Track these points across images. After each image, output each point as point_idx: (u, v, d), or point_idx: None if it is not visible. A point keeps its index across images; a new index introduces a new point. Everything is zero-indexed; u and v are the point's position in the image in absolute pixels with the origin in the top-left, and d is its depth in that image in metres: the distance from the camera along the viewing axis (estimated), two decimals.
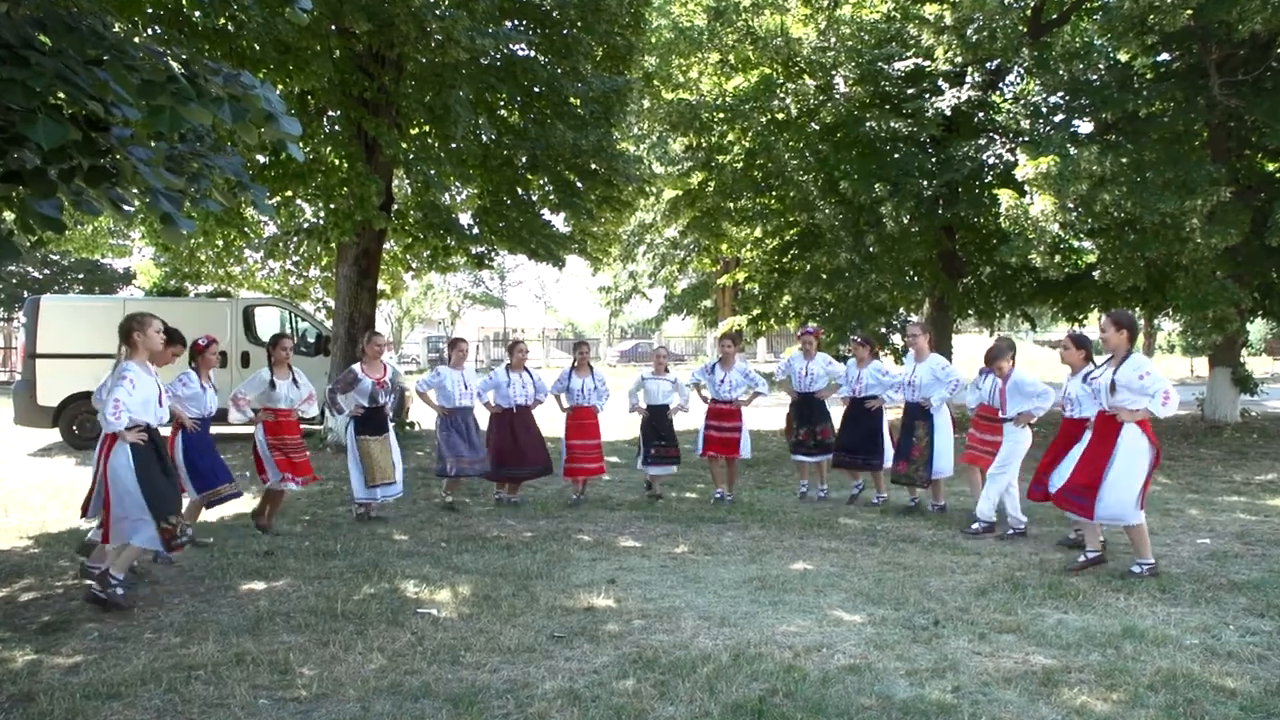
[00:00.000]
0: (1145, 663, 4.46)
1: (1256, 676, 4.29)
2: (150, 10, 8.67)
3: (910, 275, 15.46)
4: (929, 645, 4.76)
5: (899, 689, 4.18)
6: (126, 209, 4.53)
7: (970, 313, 17.93)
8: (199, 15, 9.23)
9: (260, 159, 11.49)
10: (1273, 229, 12.14)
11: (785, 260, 16.83)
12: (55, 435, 14.07)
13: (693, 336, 52.47)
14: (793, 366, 9.51)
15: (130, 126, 4.04)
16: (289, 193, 12.76)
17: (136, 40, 4.10)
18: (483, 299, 56.19)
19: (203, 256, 15.61)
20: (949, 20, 13.55)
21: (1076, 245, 13.12)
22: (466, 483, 9.57)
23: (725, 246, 19.54)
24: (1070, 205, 12.18)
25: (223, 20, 9.56)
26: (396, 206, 13.81)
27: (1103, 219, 12.38)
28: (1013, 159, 13.36)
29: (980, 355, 8.22)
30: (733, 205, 16.36)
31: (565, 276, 66.23)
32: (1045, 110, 14.66)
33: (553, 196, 14.14)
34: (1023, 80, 15.72)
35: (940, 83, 14.68)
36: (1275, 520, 8.06)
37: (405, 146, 11.89)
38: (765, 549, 7.07)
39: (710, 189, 16.45)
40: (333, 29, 10.86)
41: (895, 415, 9.37)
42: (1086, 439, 6.37)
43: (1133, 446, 6.02)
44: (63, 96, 3.71)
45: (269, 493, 7.83)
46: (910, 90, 14.69)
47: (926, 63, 14.57)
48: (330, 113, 12.54)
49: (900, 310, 17.08)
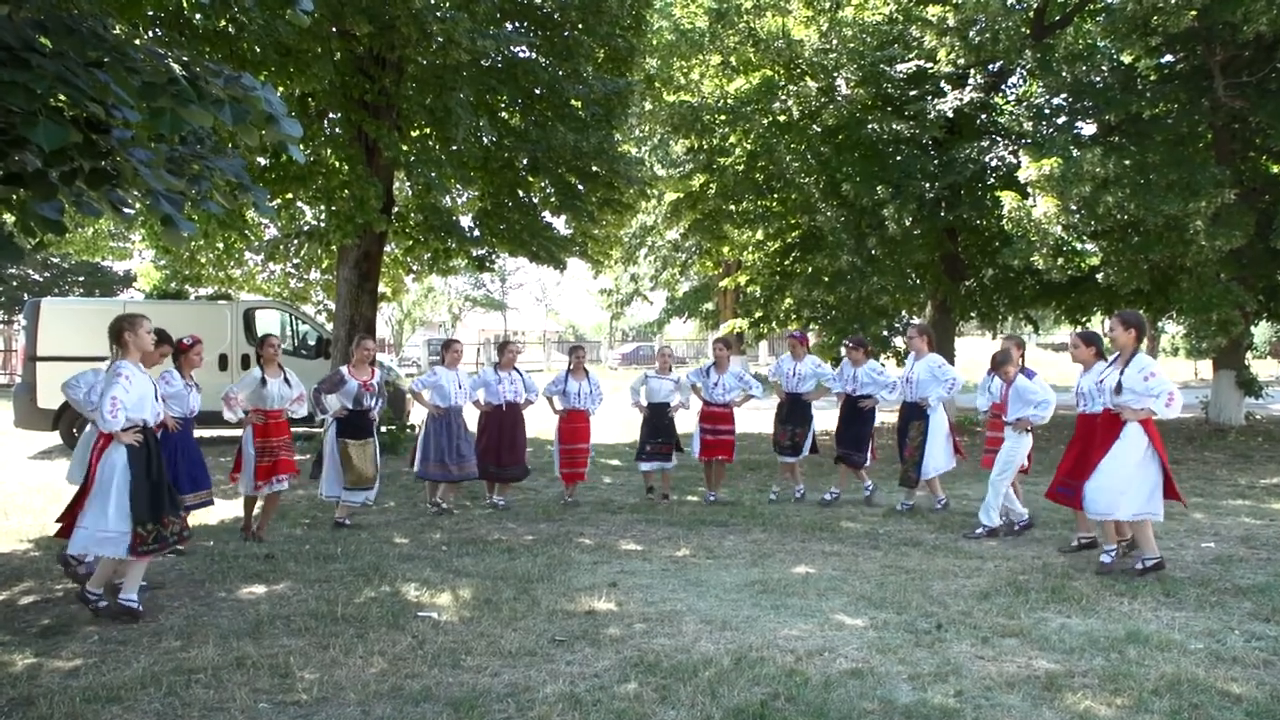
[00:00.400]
0: (1149, 667, 4.43)
1: (1262, 682, 4.27)
2: (151, 12, 8.65)
3: (912, 278, 15.43)
4: (931, 649, 4.74)
5: (901, 693, 4.16)
6: (127, 211, 4.53)
7: (973, 315, 17.89)
8: (200, 17, 9.22)
9: (261, 161, 11.47)
10: (1277, 231, 12.12)
11: (787, 263, 16.79)
12: (55, 438, 14.06)
13: (694, 339, 52.44)
14: (782, 368, 9.61)
15: (131, 128, 4.03)
16: (289, 195, 12.75)
17: (137, 42, 4.09)
18: (484, 302, 56.25)
19: (203, 259, 15.60)
20: (951, 22, 13.53)
21: (1079, 247, 13.07)
22: (466, 487, 9.57)
23: (727, 249, 19.51)
24: (1073, 207, 12.16)
25: (223, 22, 9.55)
26: (397, 209, 13.79)
27: (1106, 221, 12.36)
28: (1015, 161, 13.35)
29: (983, 358, 8.21)
30: (734, 207, 16.34)
31: (566, 279, 66.12)
32: (1048, 112, 14.65)
33: (554, 199, 14.12)
34: (1025, 82, 15.70)
35: (943, 84, 14.67)
36: None
37: (406, 149, 11.87)
38: (767, 552, 7.06)
39: (712, 191, 16.42)
40: (333, 31, 10.85)
41: (890, 417, 9.38)
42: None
43: (1130, 443, 6.08)
44: (64, 99, 3.70)
45: (247, 499, 7.78)
46: (912, 92, 14.67)
47: (929, 64, 14.55)
48: (331, 115, 12.53)
49: (902, 313, 17.05)
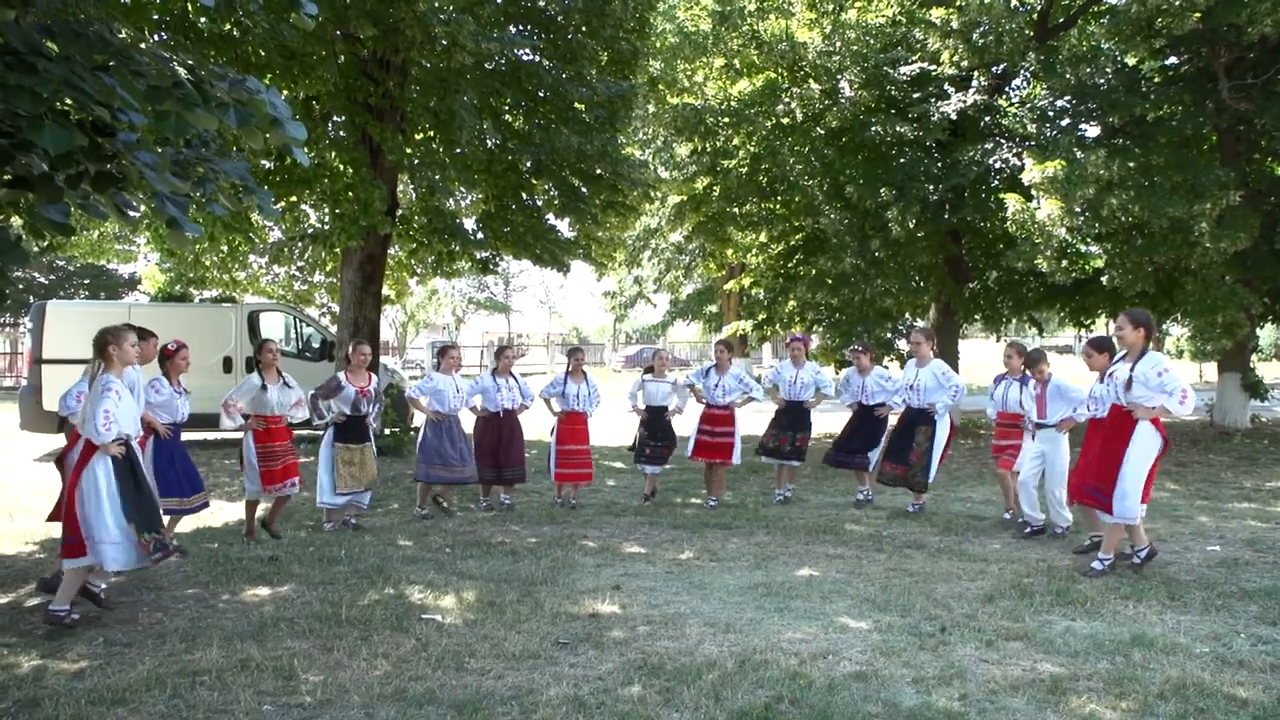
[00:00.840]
0: (1155, 671, 4.42)
1: (1268, 686, 4.25)
2: (156, 17, 8.68)
3: (916, 280, 15.42)
4: (936, 652, 4.73)
5: (905, 696, 4.16)
6: (132, 214, 4.54)
7: (977, 318, 17.88)
8: (205, 21, 9.25)
9: (265, 164, 11.51)
10: None
11: (790, 265, 16.79)
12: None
13: (698, 342, 52.44)
14: (781, 375, 9.56)
15: (136, 132, 4.04)
16: (294, 198, 12.79)
17: (143, 46, 4.11)
18: (487, 304, 56.21)
19: (207, 262, 15.64)
20: (955, 24, 13.52)
21: (1084, 250, 13.05)
22: (470, 490, 9.58)
23: (730, 251, 19.53)
24: (1077, 209, 12.14)
25: (228, 26, 9.58)
26: (401, 212, 13.82)
27: (1110, 223, 12.34)
28: (1019, 163, 13.33)
29: (987, 360, 8.22)
30: (738, 210, 16.34)
31: (570, 281, 66.31)
32: (1052, 114, 14.63)
33: (557, 201, 14.14)
34: (1029, 84, 15.69)
35: (946, 87, 14.66)
36: None
37: (410, 151, 11.91)
38: (771, 555, 7.05)
39: (715, 194, 16.43)
40: (338, 34, 10.88)
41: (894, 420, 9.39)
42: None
43: (1145, 444, 6.07)
44: (70, 102, 3.71)
45: (249, 502, 7.77)
46: (916, 94, 14.66)
47: (932, 67, 14.55)
48: (335, 118, 12.56)
49: (906, 315, 17.03)
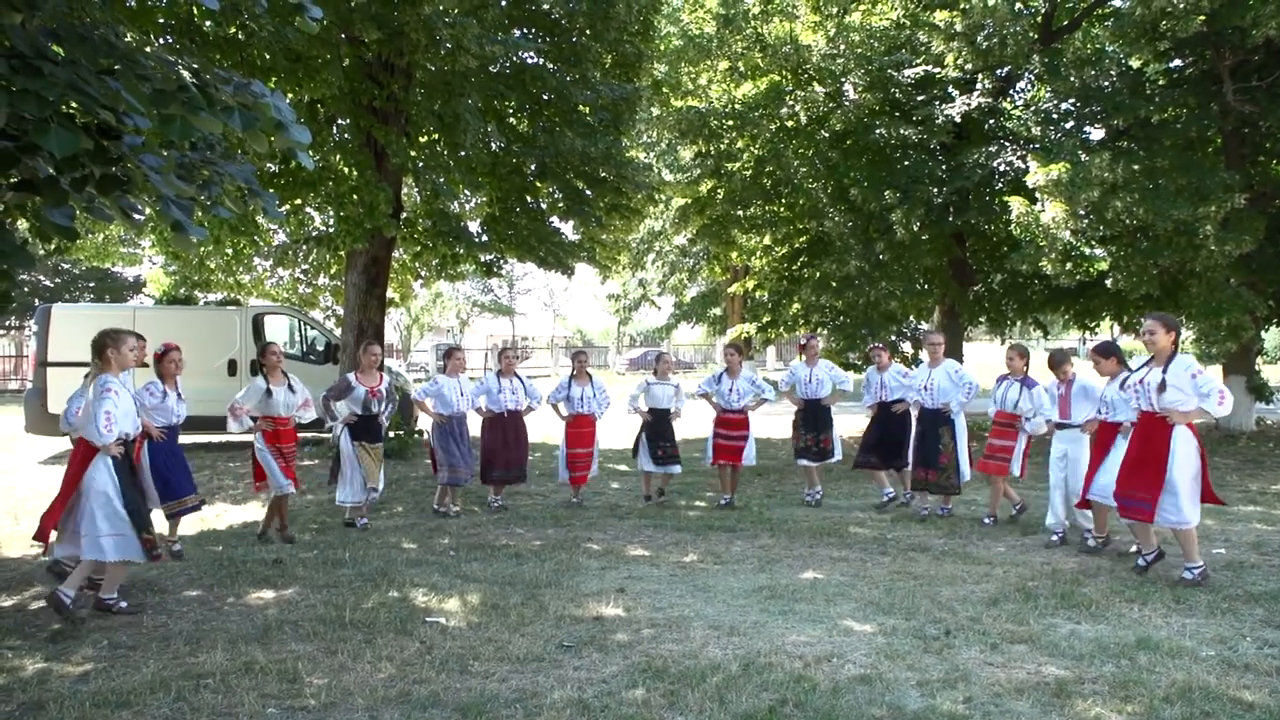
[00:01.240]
0: (1160, 674, 4.41)
1: (1275, 689, 4.24)
2: (162, 20, 8.72)
3: (920, 283, 15.40)
4: (940, 655, 4.72)
5: (910, 700, 4.15)
6: (137, 217, 4.55)
7: (981, 320, 17.85)
8: (210, 25, 9.28)
9: (270, 167, 11.54)
10: None
11: (795, 268, 16.78)
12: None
13: (702, 344, 52.45)
14: (796, 374, 9.59)
15: (142, 135, 4.06)
16: (298, 200, 12.81)
17: (148, 50, 4.12)
18: (492, 307, 56.23)
19: (212, 265, 15.66)
20: (959, 27, 13.51)
21: (1088, 252, 13.03)
22: (475, 492, 9.60)
23: (734, 254, 19.51)
24: (1082, 212, 12.12)
25: (233, 29, 9.60)
26: (406, 214, 13.84)
27: (1115, 226, 12.32)
28: (1024, 166, 13.32)
29: (992, 363, 8.22)
30: (742, 213, 16.33)
31: (574, 284, 66.26)
32: (1056, 117, 14.61)
33: (562, 204, 14.15)
34: (1033, 87, 15.66)
35: (950, 89, 14.64)
36: None
37: (414, 154, 11.92)
38: (775, 558, 7.04)
39: (719, 196, 16.42)
40: (342, 37, 10.90)
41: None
42: (1121, 443, 6.39)
43: (1187, 448, 5.99)
44: (75, 106, 3.72)
45: (276, 500, 7.80)
46: (920, 97, 14.65)
47: (936, 69, 14.54)
48: (340, 121, 12.59)
49: (910, 318, 17.01)
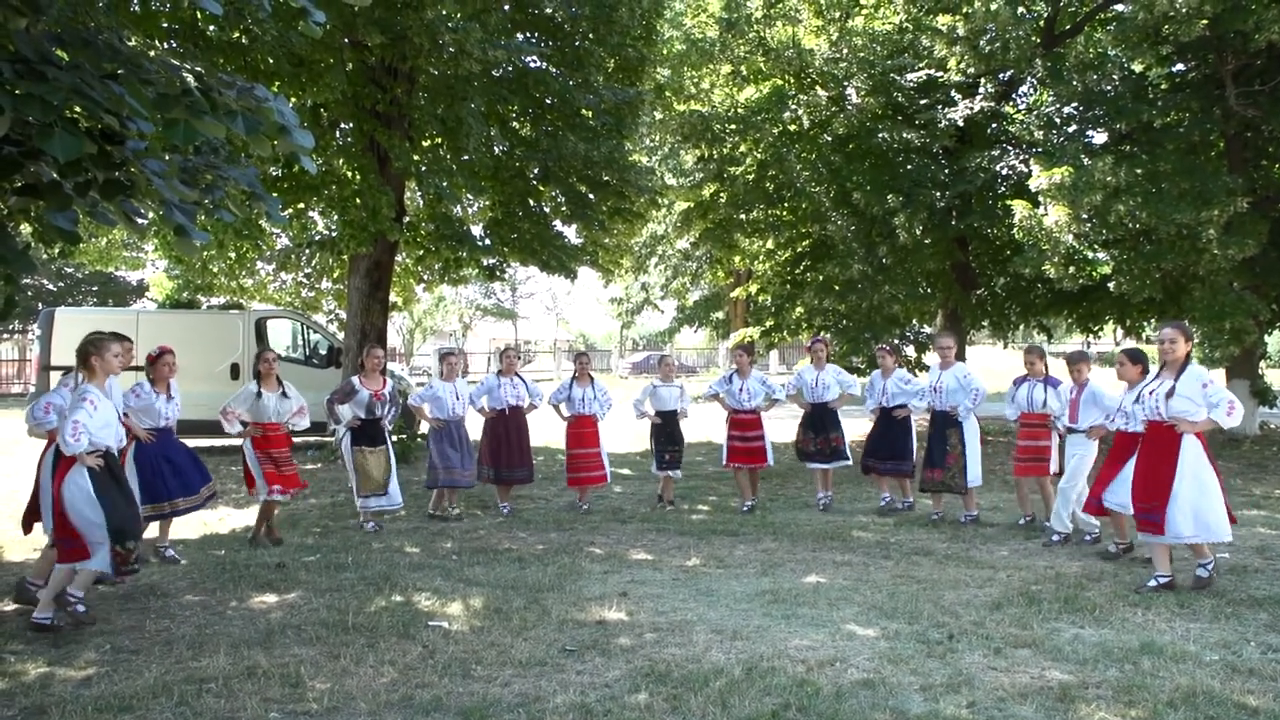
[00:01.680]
0: (1164, 679, 4.39)
1: (1279, 694, 4.22)
2: (166, 25, 8.76)
3: (923, 287, 15.39)
4: (943, 660, 4.71)
5: (913, 704, 4.14)
6: (140, 221, 4.56)
7: (984, 324, 17.83)
8: (213, 29, 9.30)
9: (273, 171, 11.56)
10: None
11: (797, 272, 16.78)
12: None
13: (705, 348, 52.43)
14: (803, 378, 9.56)
15: (145, 139, 4.07)
16: (301, 205, 12.84)
17: (152, 54, 4.12)
18: (494, 311, 56.26)
19: (215, 269, 15.70)
20: (962, 31, 13.52)
21: (1091, 256, 13.02)
22: (477, 496, 9.61)
23: (737, 258, 19.52)
24: (1084, 216, 12.11)
25: (237, 34, 9.63)
26: (408, 218, 13.85)
27: (1117, 230, 12.31)
28: (1026, 170, 13.31)
29: (994, 366, 8.22)
30: (745, 217, 16.33)
31: (577, 288, 66.36)
32: (1059, 121, 14.60)
33: (564, 208, 14.17)
34: (1036, 91, 15.67)
35: (953, 93, 14.65)
36: None
37: (417, 158, 11.94)
38: (778, 562, 7.03)
39: (722, 200, 16.43)
40: (345, 42, 10.93)
41: (921, 423, 9.40)
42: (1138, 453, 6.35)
43: (1196, 459, 5.93)
44: (79, 110, 3.73)
45: (264, 504, 7.79)
46: (923, 101, 14.66)
47: (939, 73, 14.54)
48: (343, 125, 12.61)
49: (914, 322, 17.01)
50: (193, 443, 7.87)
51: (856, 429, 13.30)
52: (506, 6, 12.15)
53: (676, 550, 7.50)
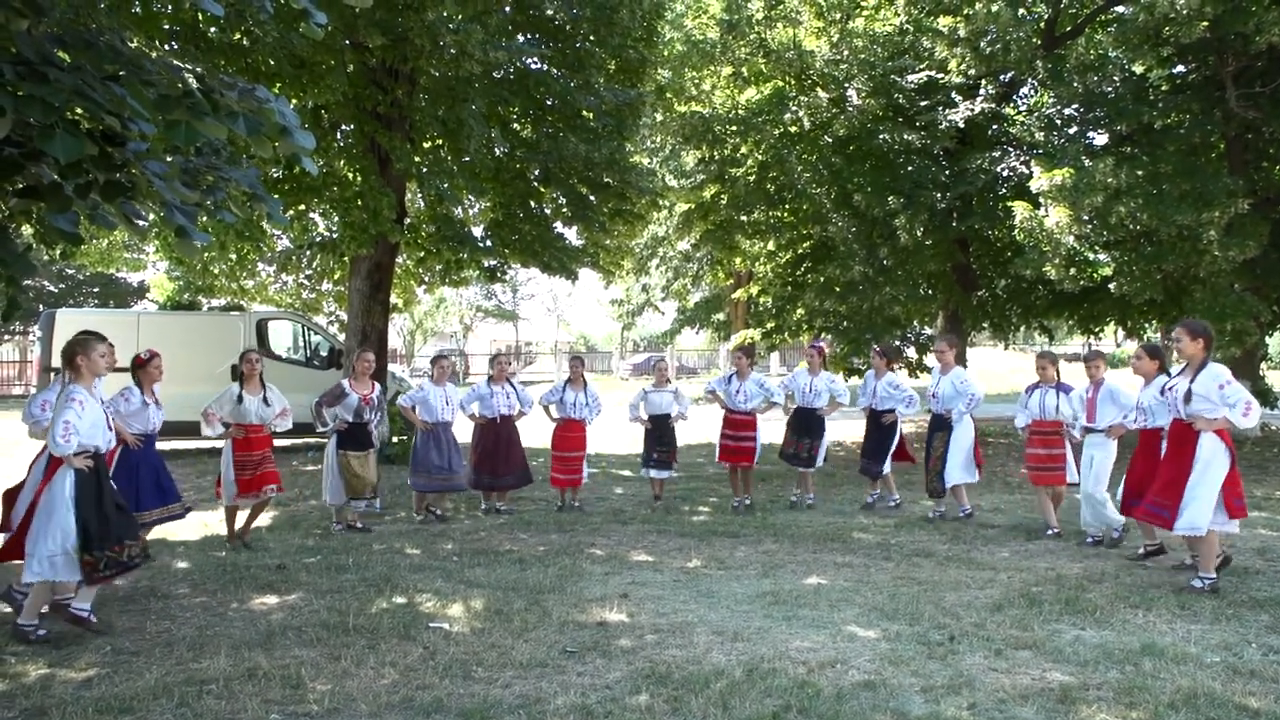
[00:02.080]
0: (1165, 681, 4.39)
1: None
2: (167, 26, 8.76)
3: (924, 288, 15.39)
4: (944, 661, 4.70)
5: (914, 706, 4.14)
6: (141, 223, 4.56)
7: (985, 325, 17.83)
8: (215, 31, 9.32)
9: (274, 173, 11.57)
10: None
11: (798, 273, 16.78)
12: None
13: (706, 350, 52.43)
14: (797, 382, 9.81)
15: (146, 141, 4.07)
16: (302, 206, 12.84)
17: (153, 56, 4.13)
18: (495, 312, 56.29)
19: (216, 270, 15.72)
20: (962, 33, 13.52)
21: (1092, 257, 13.01)
22: (476, 498, 9.61)
23: (738, 259, 19.54)
24: (1085, 217, 12.11)
25: (238, 36, 9.65)
26: (409, 220, 13.87)
27: (1118, 231, 12.31)
28: (1027, 171, 13.31)
29: (994, 369, 8.24)
30: (745, 218, 16.34)
31: (578, 289, 66.40)
32: (1060, 122, 14.61)
33: (565, 209, 14.18)
34: (1037, 92, 15.67)
35: (954, 95, 14.64)
36: None
37: (418, 160, 11.95)
38: (778, 563, 7.03)
39: (723, 202, 16.44)
40: (347, 43, 10.94)
41: (909, 428, 9.44)
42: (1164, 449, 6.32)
43: (1210, 456, 5.95)
44: (80, 112, 3.73)
45: (228, 510, 7.75)
46: (924, 102, 14.66)
47: (940, 75, 14.54)
48: (344, 126, 12.62)
49: (914, 323, 17.01)
50: (193, 444, 7.86)
51: (854, 430, 13.29)
52: (507, 8, 12.16)
53: (677, 552, 7.51)
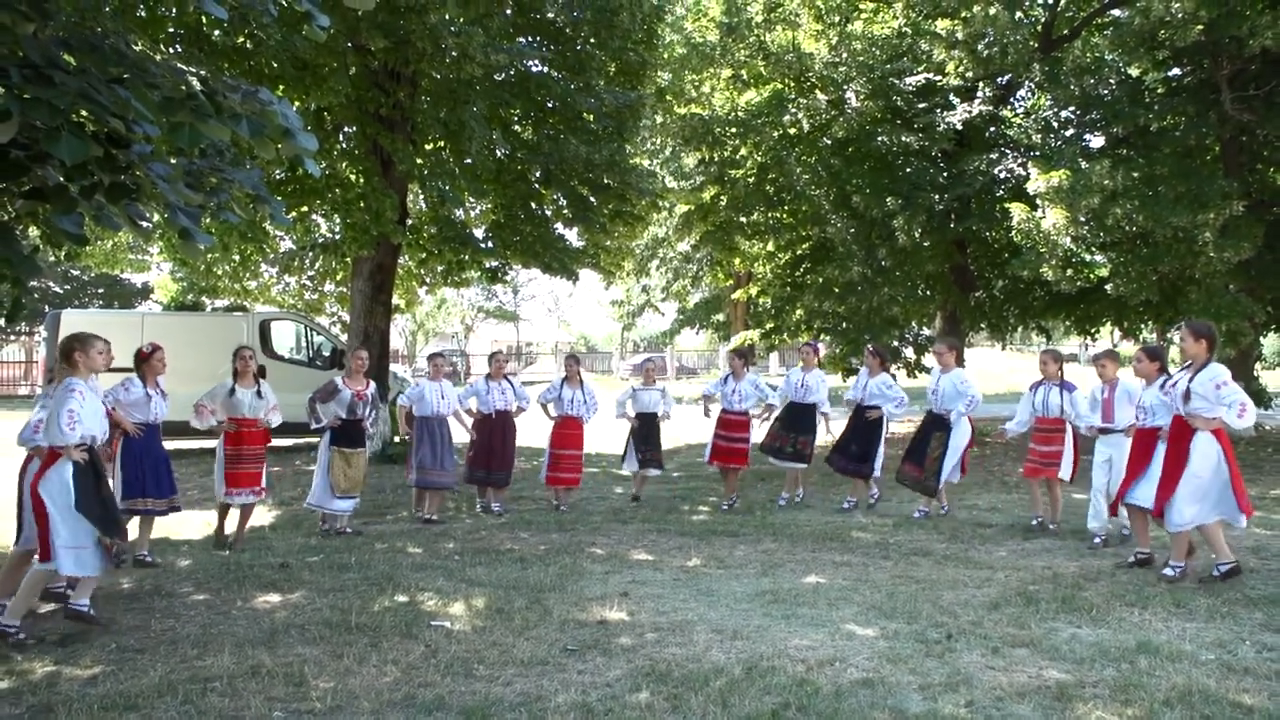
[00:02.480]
0: (1160, 678, 4.43)
1: (1274, 693, 4.26)
2: (171, 30, 8.81)
3: (922, 289, 15.44)
4: (942, 659, 4.74)
5: (912, 703, 4.17)
6: (145, 225, 4.60)
7: (982, 326, 17.87)
8: (218, 34, 9.36)
9: (277, 174, 11.61)
10: None
11: (798, 274, 16.83)
12: None
13: (705, 350, 52.48)
14: (790, 378, 9.89)
15: (150, 143, 4.11)
16: (305, 207, 12.89)
17: (157, 59, 4.17)
18: (496, 313, 56.34)
19: (219, 271, 15.76)
20: (960, 35, 13.57)
21: (1088, 259, 13.07)
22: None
23: (738, 260, 19.58)
24: (1082, 219, 12.15)
25: (241, 38, 9.69)
26: (411, 221, 13.90)
27: (1115, 232, 12.35)
28: (1024, 173, 13.36)
29: (992, 369, 8.30)
30: (745, 219, 16.39)
31: (578, 290, 66.44)
32: (1057, 124, 14.66)
33: (566, 211, 14.22)
34: (1034, 95, 15.71)
35: (952, 97, 14.69)
36: None
37: (420, 161, 11.99)
38: (777, 562, 7.07)
39: (723, 203, 16.48)
40: (349, 46, 10.98)
41: (899, 428, 9.47)
42: (1162, 448, 6.38)
43: (1205, 453, 6.04)
44: (85, 114, 3.77)
45: (220, 507, 7.78)
46: (922, 105, 14.70)
47: (938, 77, 14.59)
48: (346, 128, 12.67)
49: (913, 324, 17.06)
50: (194, 444, 7.89)
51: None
52: (509, 10, 12.20)
53: (677, 551, 7.54)
